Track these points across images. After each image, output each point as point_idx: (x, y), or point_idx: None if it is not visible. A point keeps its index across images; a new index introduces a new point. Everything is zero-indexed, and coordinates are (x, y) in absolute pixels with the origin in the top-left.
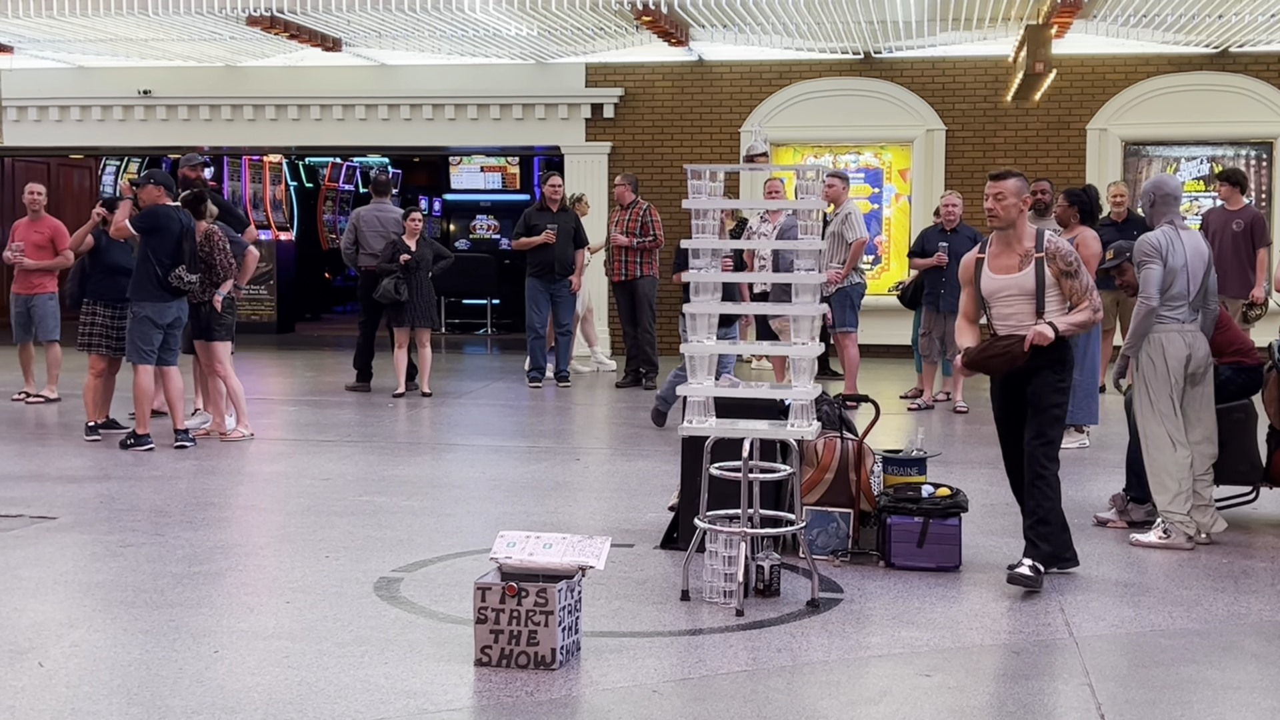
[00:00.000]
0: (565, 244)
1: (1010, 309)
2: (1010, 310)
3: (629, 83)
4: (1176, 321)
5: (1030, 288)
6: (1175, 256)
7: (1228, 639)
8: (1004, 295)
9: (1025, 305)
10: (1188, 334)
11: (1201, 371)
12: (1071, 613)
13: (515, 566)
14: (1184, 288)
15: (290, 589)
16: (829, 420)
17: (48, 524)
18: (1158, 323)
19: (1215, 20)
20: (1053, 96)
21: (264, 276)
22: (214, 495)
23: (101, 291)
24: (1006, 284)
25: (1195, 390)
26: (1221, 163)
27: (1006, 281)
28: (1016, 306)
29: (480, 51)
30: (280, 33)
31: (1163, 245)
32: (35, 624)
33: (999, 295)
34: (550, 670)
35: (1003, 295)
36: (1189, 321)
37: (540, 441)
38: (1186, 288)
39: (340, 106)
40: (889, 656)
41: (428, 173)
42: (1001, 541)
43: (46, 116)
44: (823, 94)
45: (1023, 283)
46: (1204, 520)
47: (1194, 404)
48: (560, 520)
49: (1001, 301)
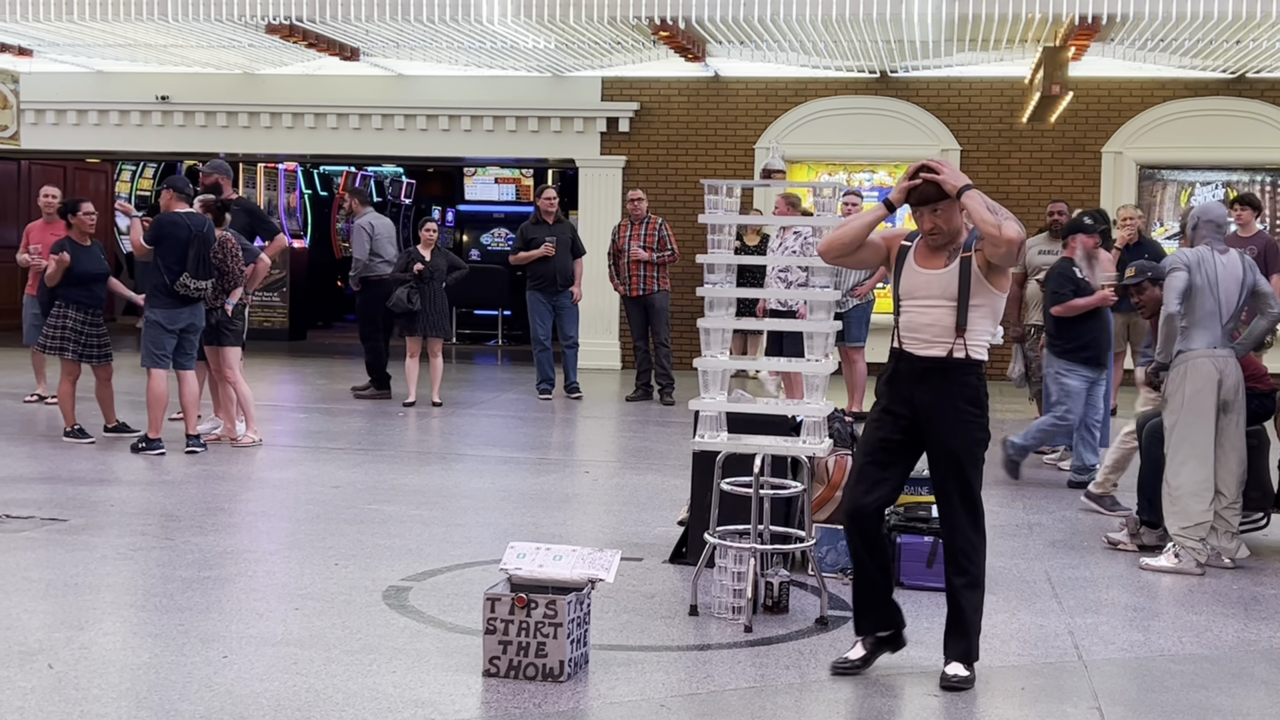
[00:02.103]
0: (564, 255)
1: (924, 317)
2: (926, 320)
3: (645, 97)
4: (1207, 344)
5: (954, 290)
6: (1204, 274)
7: (1237, 665)
8: (921, 299)
9: (944, 314)
10: (1219, 359)
11: (1233, 399)
12: (1080, 636)
13: (525, 578)
14: (1214, 308)
15: (299, 596)
16: (841, 437)
17: (58, 526)
18: (1188, 346)
19: (1232, 46)
20: (1068, 119)
21: (277, 284)
22: (224, 501)
23: (72, 296)
24: (929, 284)
25: (1227, 418)
26: (1236, 188)
27: (928, 281)
28: (932, 315)
29: (497, 63)
30: (299, 41)
31: (1191, 261)
32: (45, 626)
33: (915, 297)
34: (558, 682)
35: (920, 298)
36: (1222, 346)
37: (550, 453)
38: (1218, 309)
39: (356, 116)
40: (897, 675)
41: (441, 183)
42: (1011, 563)
43: (64, 120)
44: (838, 112)
45: (946, 283)
46: (1228, 546)
47: (1225, 431)
48: (569, 533)
49: (915, 307)
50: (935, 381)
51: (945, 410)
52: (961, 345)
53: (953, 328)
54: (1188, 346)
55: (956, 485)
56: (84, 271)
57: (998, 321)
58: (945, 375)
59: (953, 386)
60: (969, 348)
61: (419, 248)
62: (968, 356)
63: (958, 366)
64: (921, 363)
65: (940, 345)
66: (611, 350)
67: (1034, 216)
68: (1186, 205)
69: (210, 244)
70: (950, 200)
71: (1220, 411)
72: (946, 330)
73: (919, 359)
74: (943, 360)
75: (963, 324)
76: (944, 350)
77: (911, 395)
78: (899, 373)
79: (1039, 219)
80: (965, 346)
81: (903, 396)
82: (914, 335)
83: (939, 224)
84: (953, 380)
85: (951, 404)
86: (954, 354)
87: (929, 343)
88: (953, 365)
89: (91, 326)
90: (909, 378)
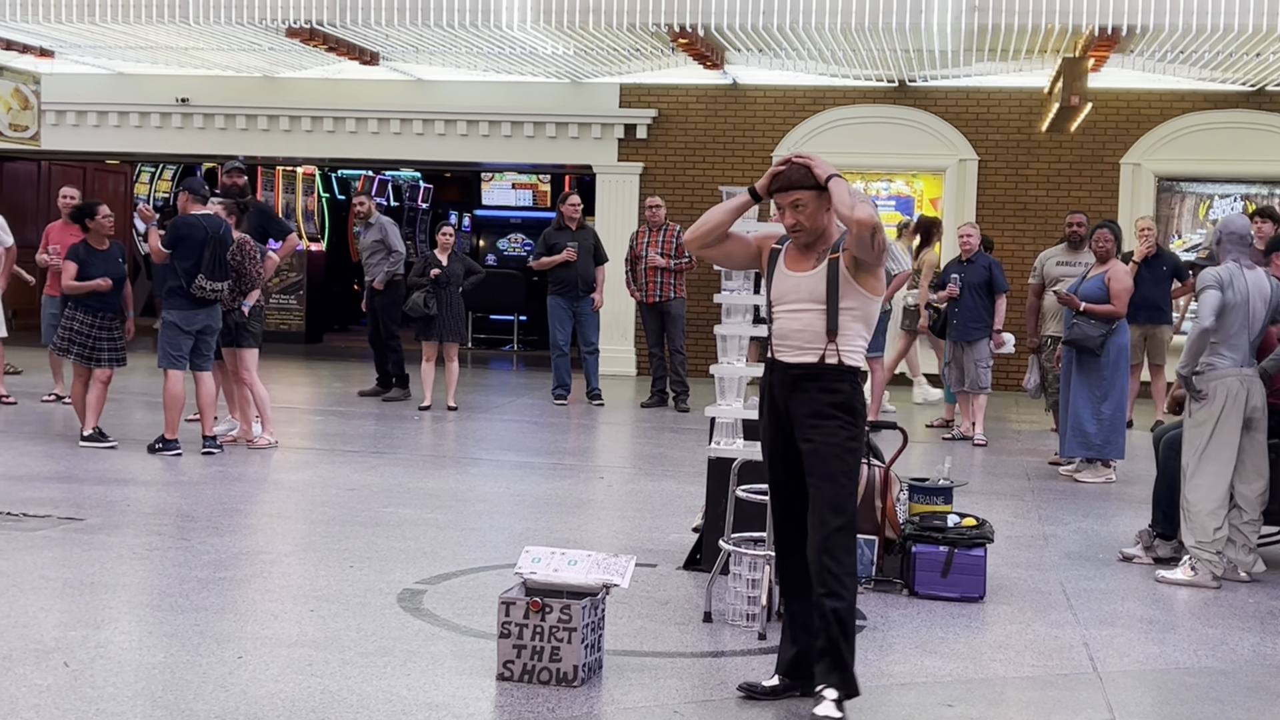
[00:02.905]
0: (586, 261)
1: (795, 323)
2: (796, 326)
3: (663, 104)
4: (1234, 362)
5: (822, 293)
6: (1235, 292)
7: (1253, 679)
8: (791, 303)
9: (814, 318)
10: (1245, 377)
11: (1258, 417)
12: (1096, 648)
13: (540, 582)
14: (1243, 325)
15: (314, 597)
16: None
17: (75, 525)
18: (1215, 363)
19: (1252, 59)
20: (1087, 130)
21: (294, 286)
22: (240, 502)
23: (84, 300)
24: (798, 287)
25: (1250, 435)
26: (1255, 201)
27: (798, 284)
28: (803, 319)
29: (516, 69)
30: (319, 45)
31: (1224, 278)
32: (61, 624)
33: (785, 301)
34: (572, 687)
35: (790, 302)
36: (1247, 365)
37: (565, 459)
38: (1247, 326)
39: (375, 120)
40: (911, 685)
41: (459, 188)
42: (1026, 574)
43: (85, 121)
44: (856, 120)
45: (814, 285)
46: (1245, 560)
47: (1248, 449)
48: (583, 538)
49: (786, 312)
50: (809, 389)
51: (818, 417)
52: (834, 351)
53: (823, 332)
54: (1215, 364)
55: (829, 497)
56: (98, 276)
57: (871, 329)
58: (818, 381)
59: (825, 393)
60: (841, 353)
61: (436, 252)
62: (840, 362)
63: (829, 372)
64: (794, 370)
65: (811, 351)
66: (627, 356)
67: (1052, 227)
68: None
69: (227, 246)
70: (815, 194)
71: (1244, 429)
72: (817, 335)
73: (791, 366)
74: (814, 366)
75: (834, 328)
76: (815, 356)
77: (786, 405)
78: (772, 384)
79: (1057, 230)
80: (838, 352)
81: (777, 409)
82: (785, 342)
83: (800, 220)
84: (826, 387)
85: (825, 411)
86: (825, 359)
87: (800, 349)
88: (825, 371)
89: (101, 330)
90: (782, 387)
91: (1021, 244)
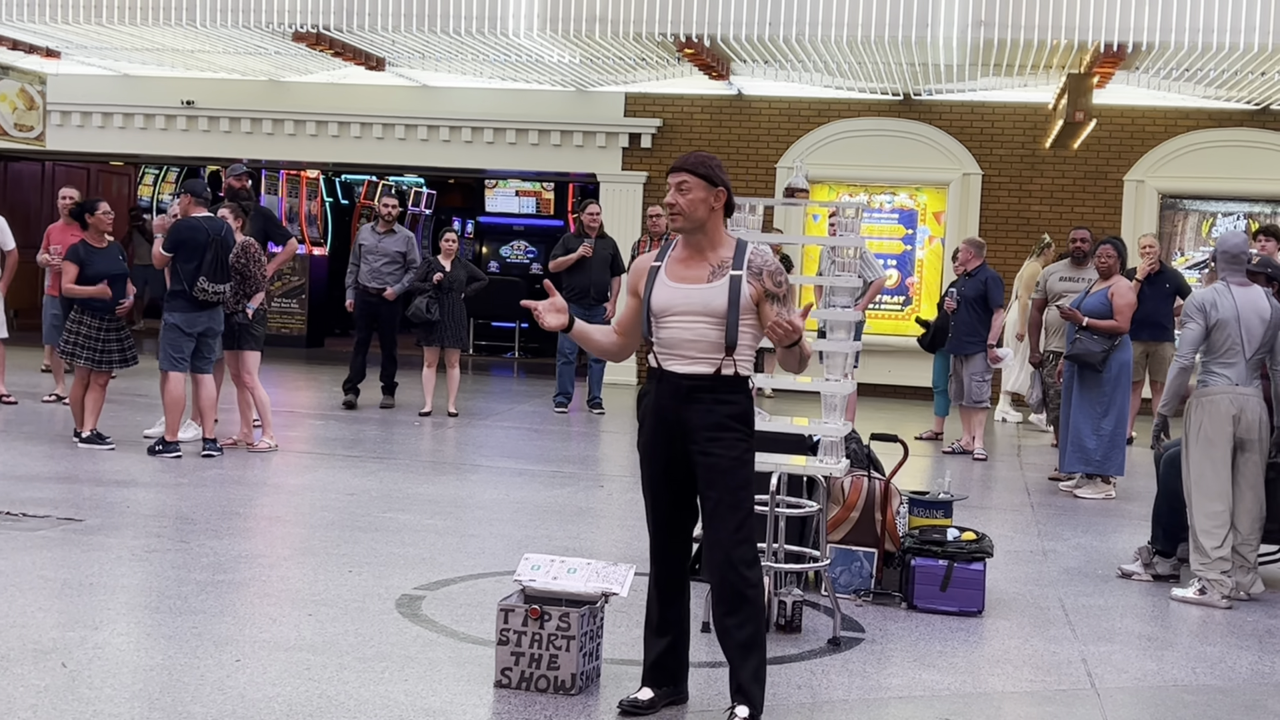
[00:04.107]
0: (602, 270)
1: (687, 333)
2: (688, 336)
3: (668, 114)
4: (1228, 381)
5: (719, 307)
6: (1220, 312)
7: (1250, 697)
8: (682, 314)
9: (708, 330)
10: (1239, 395)
11: (1253, 437)
12: (1094, 664)
13: (539, 590)
14: (1235, 344)
15: (312, 602)
16: (857, 458)
17: (74, 526)
18: (1209, 381)
19: (1257, 77)
20: (1091, 146)
21: (295, 290)
22: (239, 505)
23: (87, 301)
24: (688, 299)
25: (1244, 456)
26: (1258, 220)
27: (688, 296)
28: (696, 330)
29: (522, 77)
30: (325, 50)
31: (1206, 304)
32: (59, 625)
33: (673, 313)
34: (569, 695)
35: (680, 314)
36: (1245, 383)
37: (565, 467)
38: (1240, 345)
39: (380, 125)
40: (909, 698)
41: (462, 194)
42: (1025, 589)
43: (89, 122)
44: (860, 133)
45: (709, 299)
46: (1244, 580)
47: (1243, 469)
48: (583, 546)
49: (676, 323)
50: (704, 400)
51: (716, 430)
52: (731, 363)
53: (721, 345)
54: (1208, 383)
55: (732, 510)
56: (98, 274)
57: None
58: (713, 393)
59: (723, 405)
60: (738, 365)
61: (439, 258)
62: (736, 374)
63: (725, 384)
64: (687, 381)
65: (705, 362)
66: (628, 366)
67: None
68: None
69: (229, 248)
70: (703, 183)
71: (1237, 449)
72: (714, 346)
73: (683, 377)
74: (710, 378)
75: (733, 342)
76: (711, 368)
77: (678, 416)
78: (662, 394)
79: (1060, 245)
80: (735, 364)
81: (666, 419)
82: (675, 352)
83: (680, 202)
84: (722, 399)
85: (722, 423)
86: (722, 371)
87: (693, 360)
88: (721, 383)
89: (109, 333)
90: (673, 397)
91: (1023, 259)
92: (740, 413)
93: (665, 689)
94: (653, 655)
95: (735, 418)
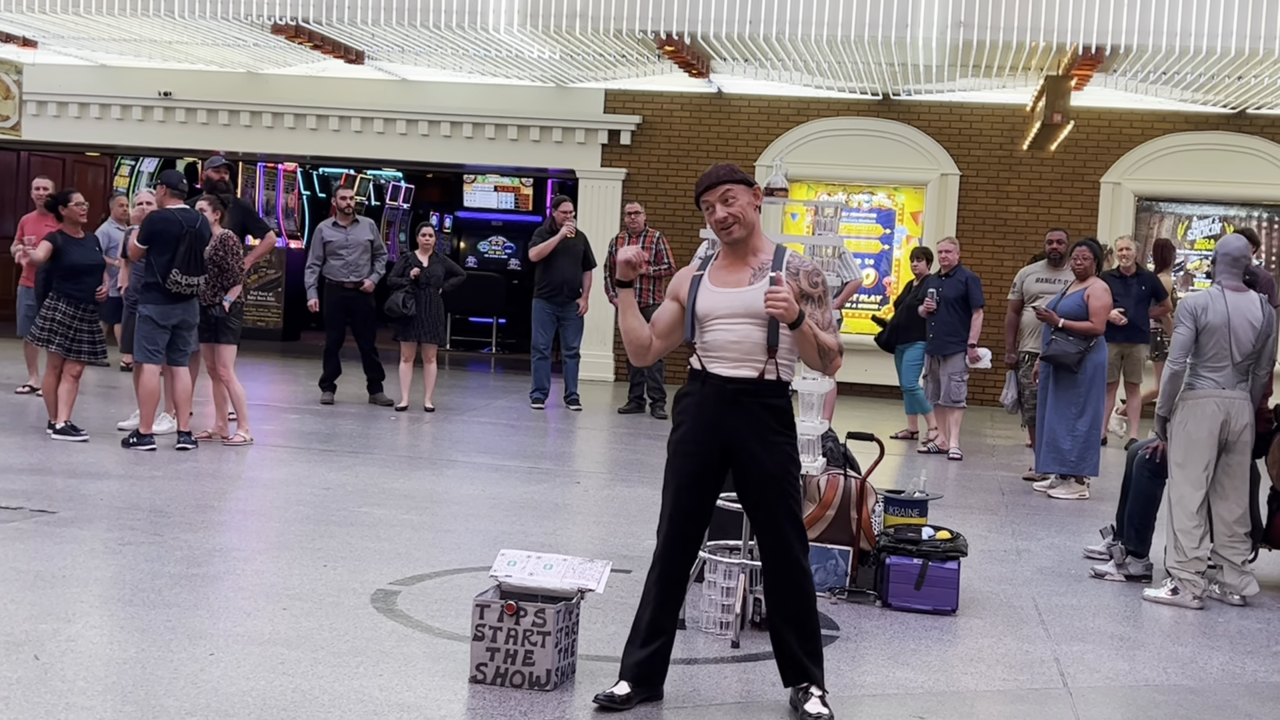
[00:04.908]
0: (574, 266)
1: (731, 335)
2: (732, 338)
3: (647, 111)
4: (1215, 384)
5: (761, 308)
6: (1211, 316)
7: (1221, 698)
8: (725, 318)
9: (753, 330)
10: (1225, 399)
11: (1237, 440)
12: (1066, 663)
13: (514, 586)
14: (1224, 348)
15: (287, 596)
16: (833, 457)
17: (47, 518)
18: (1195, 384)
19: (1234, 81)
20: (1068, 148)
21: (272, 284)
22: (214, 498)
23: (64, 289)
24: (731, 302)
25: (1230, 458)
26: (1233, 223)
27: (731, 299)
28: (740, 331)
29: (501, 72)
30: (304, 42)
31: (1197, 308)
32: (32, 617)
33: (718, 317)
34: (544, 691)
35: (724, 317)
36: (1231, 387)
37: (541, 463)
38: (1229, 349)
39: (359, 119)
40: (882, 696)
41: (440, 189)
42: (999, 588)
43: (66, 113)
44: (839, 133)
45: (751, 300)
46: (1235, 582)
47: (1228, 471)
48: (559, 542)
49: (721, 325)
50: (748, 404)
51: (762, 435)
52: (773, 366)
53: (764, 346)
54: (1195, 385)
55: (785, 512)
56: (75, 263)
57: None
58: (758, 398)
59: (767, 410)
60: (780, 368)
61: (416, 253)
62: (779, 378)
63: (770, 388)
64: (731, 384)
65: (749, 365)
66: (605, 362)
67: (1032, 244)
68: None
69: (205, 240)
70: (744, 187)
71: (1223, 451)
72: (756, 348)
73: (728, 380)
74: (754, 382)
75: (774, 344)
76: (755, 371)
77: (720, 419)
78: (705, 396)
79: (1036, 246)
80: (777, 367)
81: (709, 421)
82: (719, 354)
83: (733, 212)
84: (766, 403)
85: (768, 427)
86: (765, 375)
87: (737, 362)
88: (765, 387)
89: (82, 322)
90: (718, 401)
91: (1000, 260)
92: (784, 417)
93: (643, 687)
94: (635, 659)
95: (783, 422)
